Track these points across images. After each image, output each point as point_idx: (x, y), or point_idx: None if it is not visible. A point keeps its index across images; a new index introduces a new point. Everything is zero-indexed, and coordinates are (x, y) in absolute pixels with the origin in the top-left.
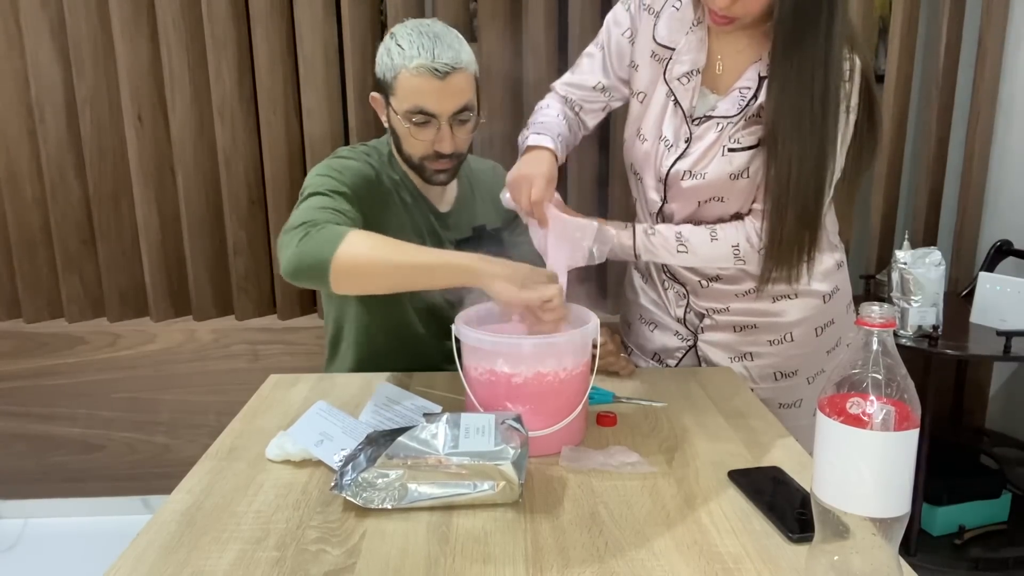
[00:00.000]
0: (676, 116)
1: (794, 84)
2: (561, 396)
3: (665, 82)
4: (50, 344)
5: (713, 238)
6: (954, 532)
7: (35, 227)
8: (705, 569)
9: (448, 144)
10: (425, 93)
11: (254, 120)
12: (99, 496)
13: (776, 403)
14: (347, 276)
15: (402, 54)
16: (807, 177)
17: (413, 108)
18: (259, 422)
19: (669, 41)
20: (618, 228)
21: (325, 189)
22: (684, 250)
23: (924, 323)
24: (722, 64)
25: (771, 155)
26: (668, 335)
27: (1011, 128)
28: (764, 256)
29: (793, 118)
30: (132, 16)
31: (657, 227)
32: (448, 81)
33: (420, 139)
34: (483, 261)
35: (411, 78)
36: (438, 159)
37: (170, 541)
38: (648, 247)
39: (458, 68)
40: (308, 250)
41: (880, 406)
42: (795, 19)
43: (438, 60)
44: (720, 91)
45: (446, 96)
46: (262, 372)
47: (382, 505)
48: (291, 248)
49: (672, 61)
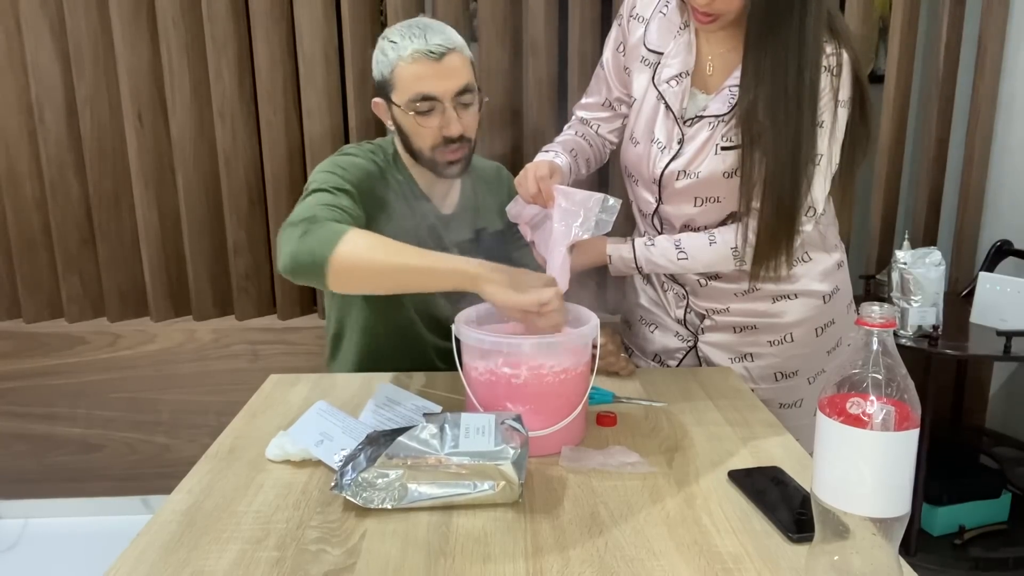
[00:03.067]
0: (667, 118)
1: (768, 76)
2: (561, 396)
3: (654, 86)
4: (50, 344)
5: (711, 242)
6: (954, 532)
7: (35, 227)
8: (705, 569)
9: (455, 126)
10: (424, 78)
11: (254, 120)
12: (99, 496)
13: (777, 403)
14: (344, 275)
15: (396, 47)
16: (782, 167)
17: (415, 95)
18: (259, 422)
19: (658, 46)
20: (617, 243)
21: (329, 186)
22: (684, 257)
23: (924, 323)
24: (712, 64)
25: (746, 149)
26: (668, 336)
27: (1011, 128)
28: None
29: (766, 109)
30: (132, 16)
31: (656, 238)
32: (444, 62)
33: (427, 127)
34: (481, 266)
35: (408, 66)
36: (448, 146)
37: (170, 541)
38: (649, 258)
39: (452, 49)
40: (307, 247)
41: (880, 406)
42: (768, 12)
43: (431, 43)
44: (711, 91)
45: (444, 76)
46: (262, 372)
47: (382, 505)
48: (290, 244)
49: (661, 65)
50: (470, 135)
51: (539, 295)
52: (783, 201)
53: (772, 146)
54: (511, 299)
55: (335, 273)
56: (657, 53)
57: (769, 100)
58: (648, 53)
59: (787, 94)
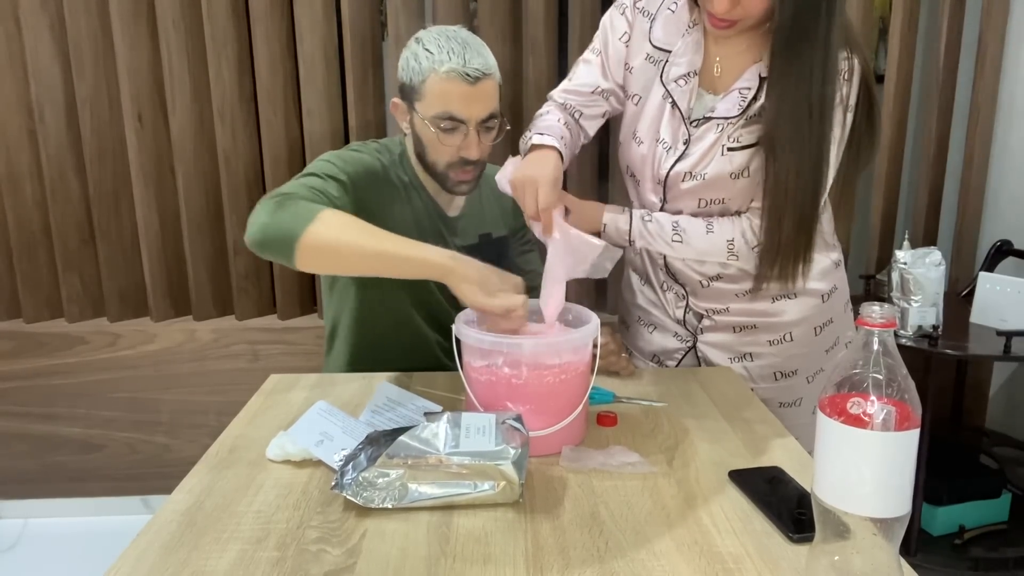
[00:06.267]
0: (674, 118)
1: (792, 90)
2: (561, 396)
3: (662, 84)
4: (50, 344)
5: (709, 231)
6: (954, 532)
7: (35, 227)
8: (705, 569)
9: (475, 150)
10: (454, 98)
11: (254, 120)
12: (99, 496)
13: (776, 402)
14: (313, 254)
15: (431, 58)
16: (805, 182)
17: (442, 113)
18: (259, 422)
19: (665, 43)
20: (615, 212)
21: (322, 172)
22: (679, 240)
23: (924, 323)
24: (720, 66)
25: (770, 161)
26: (667, 336)
27: (1011, 128)
28: (762, 258)
29: (792, 124)
30: (132, 16)
31: (655, 214)
32: (478, 87)
33: (447, 145)
34: (454, 260)
35: (441, 83)
36: (463, 166)
37: (170, 541)
38: (643, 233)
39: (488, 75)
40: (278, 222)
41: (881, 406)
42: (794, 26)
43: (469, 65)
44: (718, 92)
45: (475, 102)
46: (262, 372)
47: (382, 505)
48: (262, 216)
49: (668, 63)
50: (486, 158)
51: (506, 302)
52: (805, 213)
53: (795, 161)
54: (478, 301)
55: (304, 250)
56: (664, 51)
57: (793, 111)
58: (653, 50)
59: (811, 105)
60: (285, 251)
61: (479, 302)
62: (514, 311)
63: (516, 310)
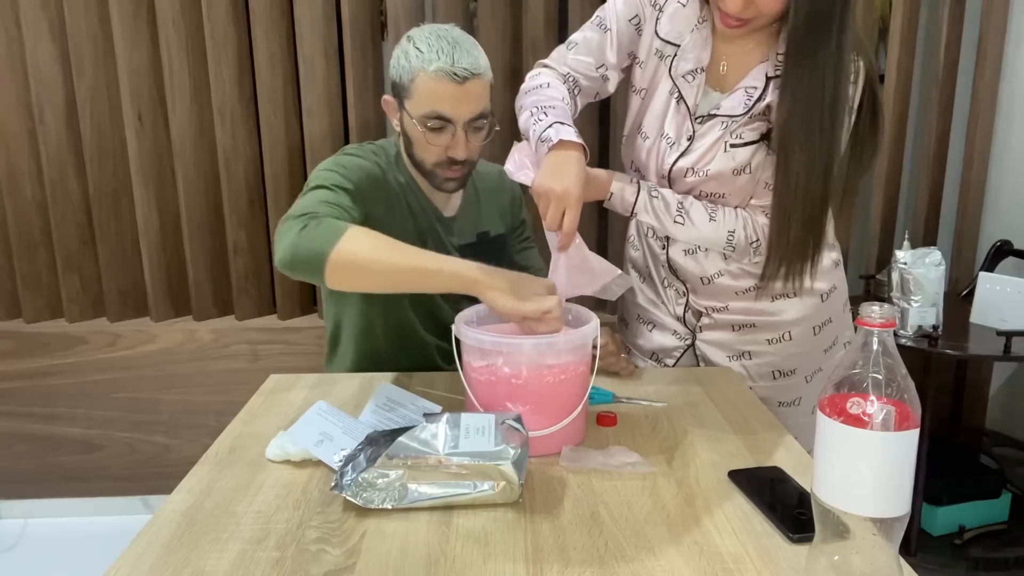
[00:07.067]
0: (679, 113)
1: (805, 91)
2: (561, 396)
3: (671, 78)
4: (50, 344)
5: (712, 218)
6: (954, 532)
7: (35, 227)
8: (705, 569)
9: (462, 150)
10: (443, 98)
11: (254, 120)
12: (99, 496)
13: (775, 401)
14: (343, 272)
15: (420, 57)
16: (815, 182)
17: (430, 113)
18: (259, 422)
19: (674, 37)
20: (623, 181)
21: (330, 183)
22: (681, 221)
23: (924, 323)
24: (727, 63)
25: (780, 163)
26: (666, 334)
27: (1011, 128)
28: (769, 258)
29: (804, 125)
30: (132, 16)
31: (662, 191)
32: (466, 87)
33: (434, 144)
34: (482, 271)
35: (429, 82)
36: (451, 166)
37: (170, 541)
38: (648, 207)
39: (477, 74)
40: (306, 242)
41: (880, 406)
42: (808, 26)
43: (457, 65)
44: (724, 89)
45: (463, 102)
46: (262, 372)
47: (382, 505)
48: (289, 238)
49: (677, 58)
50: (474, 158)
51: (541, 304)
52: (813, 215)
53: (806, 163)
54: (513, 307)
55: (334, 269)
56: (673, 45)
57: (805, 112)
58: (661, 44)
59: (823, 107)
60: (315, 270)
61: (513, 308)
62: (549, 313)
63: (551, 311)
